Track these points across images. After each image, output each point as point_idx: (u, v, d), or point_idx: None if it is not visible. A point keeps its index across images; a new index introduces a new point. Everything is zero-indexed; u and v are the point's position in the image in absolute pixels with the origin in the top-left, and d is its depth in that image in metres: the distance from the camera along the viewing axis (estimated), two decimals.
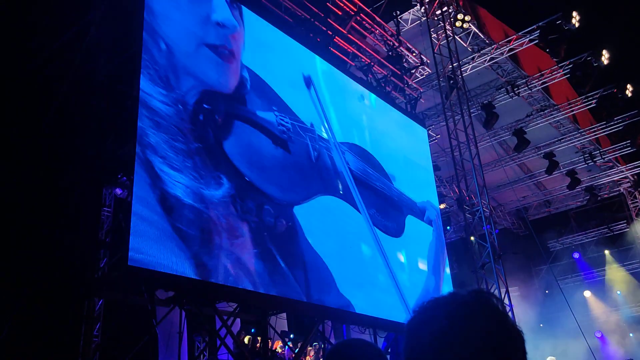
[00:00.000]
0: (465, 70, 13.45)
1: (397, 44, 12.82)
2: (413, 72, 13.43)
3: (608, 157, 16.42)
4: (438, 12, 12.52)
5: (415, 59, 13.30)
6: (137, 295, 7.73)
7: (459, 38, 13.11)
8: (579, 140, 16.00)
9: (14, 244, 7.35)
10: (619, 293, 18.68)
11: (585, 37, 13.76)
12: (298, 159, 8.22)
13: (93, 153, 7.57)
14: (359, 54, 12.10)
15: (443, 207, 15.03)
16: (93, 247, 7.57)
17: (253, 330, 10.10)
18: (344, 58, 11.55)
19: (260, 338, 9.16)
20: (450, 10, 12.41)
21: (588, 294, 19.06)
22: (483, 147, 14.54)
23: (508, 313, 0.98)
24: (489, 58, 13.60)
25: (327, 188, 8.70)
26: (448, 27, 12.47)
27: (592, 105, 14.71)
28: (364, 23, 12.17)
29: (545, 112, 15.07)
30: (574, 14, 12.56)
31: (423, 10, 12.67)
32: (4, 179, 7.57)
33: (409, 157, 11.75)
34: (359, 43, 12.06)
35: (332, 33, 11.17)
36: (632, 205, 18.22)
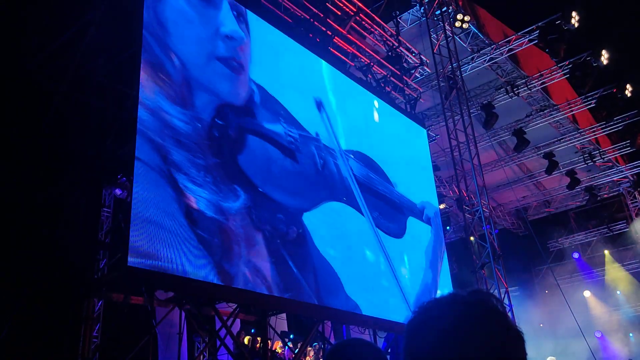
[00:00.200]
0: (465, 71, 13.44)
1: (396, 44, 12.82)
2: (412, 72, 13.43)
3: (608, 157, 16.42)
4: (437, 12, 12.52)
5: (415, 59, 13.30)
6: (137, 296, 7.73)
7: (459, 38, 13.11)
8: (579, 141, 16.00)
9: (14, 244, 7.35)
10: (619, 293, 18.68)
11: (585, 37, 13.76)
12: (305, 168, 8.58)
13: (93, 153, 7.58)
14: (359, 54, 12.10)
15: (443, 207, 15.01)
16: (92, 247, 7.57)
17: (253, 331, 10.10)
18: (344, 58, 11.55)
19: (260, 338, 9.15)
20: (450, 11, 12.41)
21: (588, 294, 19.05)
22: (483, 147, 14.53)
23: (507, 313, 0.97)
24: (489, 58, 13.60)
25: (333, 194, 9.03)
26: (447, 27, 12.47)
27: (591, 105, 14.71)
28: (364, 23, 12.17)
29: (545, 112, 15.07)
30: (574, 14, 12.55)
31: (422, 11, 12.67)
32: (4, 179, 7.56)
33: (409, 158, 11.83)
34: (359, 43, 12.06)
35: (331, 33, 11.17)
36: (631, 205, 18.21)
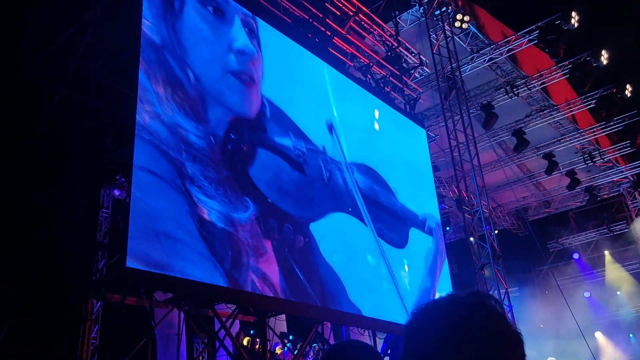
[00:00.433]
0: (465, 71, 13.44)
1: (396, 44, 12.81)
2: (412, 72, 13.42)
3: (607, 157, 16.41)
4: (437, 12, 12.51)
5: (414, 59, 13.29)
6: (135, 297, 7.72)
7: (458, 38, 13.10)
8: (579, 141, 15.99)
9: (12, 245, 7.33)
10: (619, 293, 18.66)
11: (585, 37, 13.76)
12: (312, 180, 8.92)
13: (91, 154, 7.55)
14: (358, 55, 12.09)
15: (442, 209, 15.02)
16: (91, 248, 7.55)
17: (252, 332, 10.08)
18: (343, 59, 11.54)
19: (259, 339, 9.14)
20: (449, 11, 12.40)
21: (588, 295, 19.04)
22: (482, 147, 14.52)
23: (506, 314, 0.96)
24: (488, 58, 13.60)
25: (338, 206, 9.35)
26: (447, 27, 12.47)
27: (591, 106, 14.70)
28: (363, 23, 12.16)
29: (545, 112, 15.07)
30: (573, 14, 12.55)
31: (422, 11, 12.66)
32: (3, 179, 7.55)
33: (411, 163, 11.94)
34: (358, 43, 12.04)
35: (330, 33, 11.16)
36: (631, 206, 18.20)
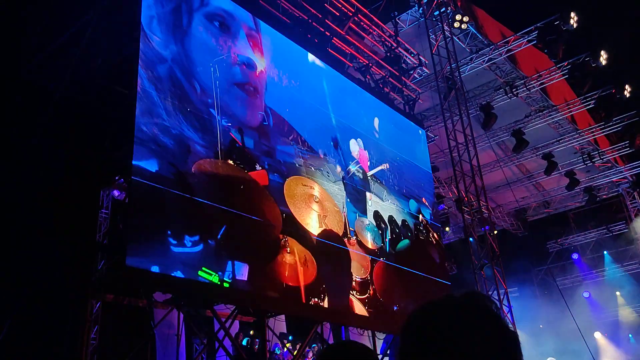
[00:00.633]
0: (464, 71, 13.43)
1: (395, 45, 12.81)
2: (411, 73, 13.42)
3: (607, 157, 16.40)
4: (436, 12, 12.52)
5: (414, 60, 13.29)
6: (135, 298, 7.72)
7: (457, 39, 13.10)
8: (578, 141, 15.98)
9: (12, 246, 7.32)
10: (618, 294, 18.67)
11: (584, 37, 13.75)
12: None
13: (91, 154, 7.55)
14: (357, 55, 12.09)
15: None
16: (90, 249, 7.55)
17: (251, 332, 10.07)
18: (342, 59, 11.54)
19: (259, 340, 9.13)
20: (449, 11, 12.40)
21: (587, 295, 19.04)
22: (482, 147, 14.51)
23: (501, 315, 0.96)
24: (487, 59, 13.59)
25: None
26: (446, 27, 12.47)
27: (590, 106, 14.69)
28: (362, 24, 12.16)
29: (544, 112, 15.06)
30: (572, 15, 12.54)
31: (421, 11, 12.66)
32: (3, 180, 7.55)
33: (410, 163, 11.96)
34: (357, 44, 12.04)
35: (330, 34, 11.16)
36: (631, 206, 18.19)
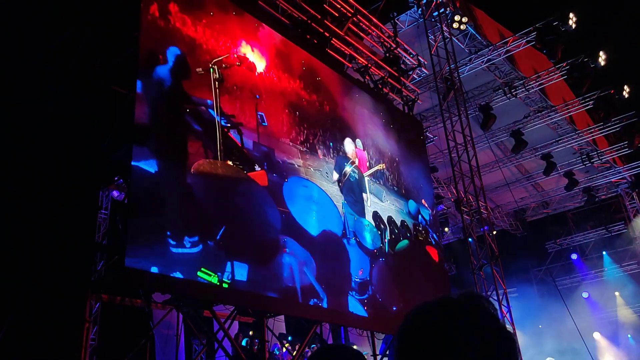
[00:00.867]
0: (463, 72, 13.45)
1: (394, 46, 12.81)
2: (410, 73, 13.43)
3: (605, 158, 16.42)
4: (435, 13, 12.53)
5: (413, 61, 13.29)
6: (134, 298, 7.72)
7: (456, 39, 13.11)
8: (577, 142, 16.00)
9: (11, 246, 7.32)
10: (617, 294, 18.68)
11: (582, 38, 13.79)
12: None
13: (90, 155, 7.55)
14: (356, 56, 12.10)
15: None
16: (90, 249, 7.54)
17: (251, 333, 10.08)
18: (341, 60, 11.54)
19: (258, 340, 9.14)
20: (447, 12, 12.42)
21: (586, 295, 19.06)
22: (480, 148, 14.53)
23: (499, 315, 0.97)
24: (486, 59, 13.61)
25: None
26: (445, 28, 12.48)
27: (589, 107, 14.71)
28: (361, 25, 12.16)
29: (543, 113, 15.08)
30: (571, 15, 12.56)
31: (420, 12, 12.67)
32: (3, 180, 7.54)
33: (409, 164, 11.95)
34: (356, 45, 12.05)
35: (329, 35, 11.16)
36: (629, 206, 18.21)
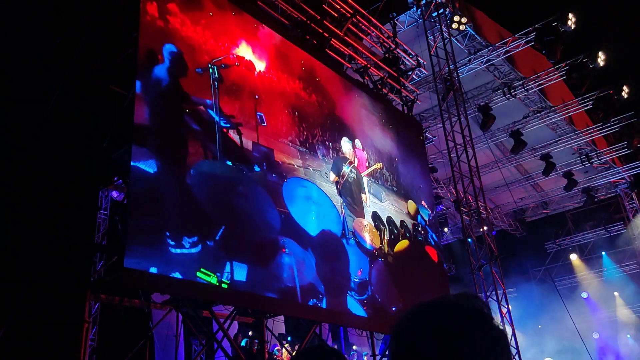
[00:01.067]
0: (462, 72, 13.46)
1: (393, 46, 12.82)
2: (410, 74, 13.43)
3: (605, 158, 16.44)
4: (434, 14, 12.54)
5: (412, 61, 13.30)
6: (133, 298, 7.72)
7: (456, 40, 13.13)
8: (576, 142, 16.02)
9: (10, 247, 7.32)
10: (617, 294, 18.69)
11: (582, 38, 13.80)
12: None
13: (89, 155, 7.55)
14: (356, 56, 12.10)
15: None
16: (89, 249, 7.54)
17: (250, 333, 10.07)
18: (341, 60, 11.55)
19: (257, 341, 9.13)
20: (447, 12, 12.43)
21: (585, 296, 19.07)
22: (480, 148, 14.55)
23: (493, 316, 0.98)
24: (486, 60, 13.62)
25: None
26: (444, 29, 12.49)
27: (588, 107, 14.73)
28: (361, 25, 12.17)
29: (542, 113, 15.10)
30: (570, 16, 12.57)
31: (419, 13, 12.68)
32: (3, 180, 7.54)
33: (408, 164, 11.98)
34: (356, 45, 12.05)
35: (328, 35, 11.17)
36: (629, 207, 18.24)
